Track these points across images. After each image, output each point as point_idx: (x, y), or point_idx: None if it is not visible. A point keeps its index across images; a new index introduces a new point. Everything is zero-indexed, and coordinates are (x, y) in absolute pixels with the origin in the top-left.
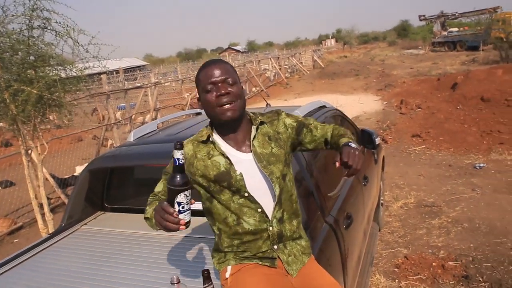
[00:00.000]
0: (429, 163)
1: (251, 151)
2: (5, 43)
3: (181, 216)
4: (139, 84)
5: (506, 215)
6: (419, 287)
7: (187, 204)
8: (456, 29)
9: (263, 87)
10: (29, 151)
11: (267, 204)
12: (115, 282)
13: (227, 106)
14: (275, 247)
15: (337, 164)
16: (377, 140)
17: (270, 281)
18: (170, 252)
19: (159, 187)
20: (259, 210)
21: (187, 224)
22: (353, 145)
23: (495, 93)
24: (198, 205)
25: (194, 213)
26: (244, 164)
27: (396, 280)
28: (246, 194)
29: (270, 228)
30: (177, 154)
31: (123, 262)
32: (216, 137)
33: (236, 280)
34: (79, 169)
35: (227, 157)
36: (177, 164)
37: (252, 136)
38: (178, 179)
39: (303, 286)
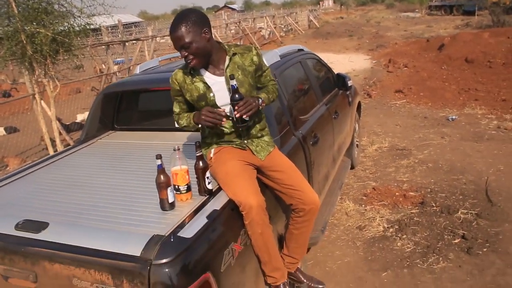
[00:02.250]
0: (407, 115)
1: (224, 75)
2: None
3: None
4: (137, 37)
5: (467, 158)
6: (381, 210)
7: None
8: None
9: (257, 45)
10: (42, 89)
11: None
12: (125, 175)
13: (190, 62)
14: (245, 141)
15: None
16: (350, 83)
17: (242, 156)
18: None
19: (177, 108)
20: (230, 119)
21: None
22: (259, 100)
23: (479, 54)
24: None
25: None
26: (218, 85)
27: (363, 205)
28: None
29: (240, 129)
30: (233, 82)
31: (130, 163)
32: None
33: (218, 157)
34: (80, 117)
35: (205, 83)
36: (235, 88)
37: (226, 65)
38: (236, 96)
39: (269, 164)
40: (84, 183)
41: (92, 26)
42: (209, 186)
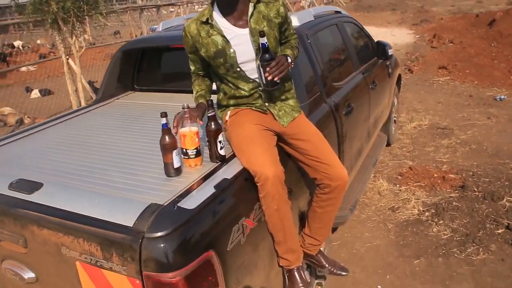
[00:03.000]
0: (450, 92)
1: (247, 27)
2: None
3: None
4: (171, 2)
5: None
6: (417, 191)
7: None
8: None
9: None
10: (69, 49)
11: (257, 74)
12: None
13: None
14: (266, 104)
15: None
16: (390, 51)
17: (262, 120)
18: None
19: (192, 66)
20: (251, 80)
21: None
22: (288, 58)
23: None
24: None
25: None
26: (240, 38)
27: (397, 185)
28: (238, 69)
29: (260, 88)
30: (264, 40)
31: (143, 124)
32: (216, 15)
33: (234, 120)
34: None
35: (224, 36)
36: (266, 46)
37: (249, 13)
38: (267, 56)
39: (292, 131)
40: (90, 143)
41: None
42: (222, 152)
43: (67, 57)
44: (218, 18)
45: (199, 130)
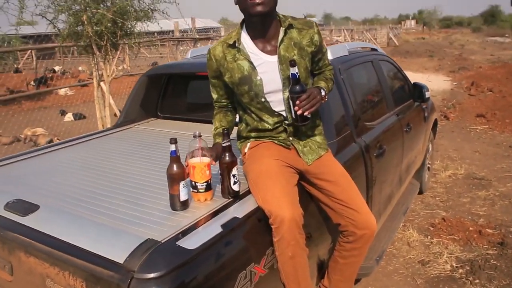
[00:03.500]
0: (488, 142)
1: (276, 54)
2: None
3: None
4: (208, 36)
5: None
6: (451, 245)
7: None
8: None
9: None
10: (100, 73)
11: (283, 104)
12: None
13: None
14: (290, 138)
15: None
16: (427, 94)
17: (284, 155)
18: None
19: (214, 93)
20: (276, 113)
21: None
22: (322, 91)
23: None
24: None
25: None
26: (267, 66)
27: (429, 237)
28: (263, 100)
29: (286, 122)
30: (295, 70)
31: (159, 152)
32: (244, 37)
33: (254, 152)
34: None
35: (251, 62)
36: (296, 77)
37: (279, 39)
38: (298, 87)
39: (317, 170)
40: (100, 168)
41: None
42: (235, 187)
43: (99, 82)
44: (246, 41)
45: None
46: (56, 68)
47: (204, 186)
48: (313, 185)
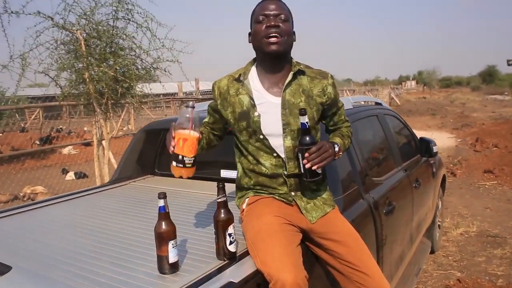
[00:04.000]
0: (498, 198)
1: (280, 96)
2: (92, 31)
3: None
4: (211, 97)
5: None
6: None
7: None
8: None
9: None
10: (101, 132)
11: (283, 152)
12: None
13: (274, 39)
14: (292, 193)
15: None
16: (435, 149)
17: (285, 212)
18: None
19: (207, 119)
20: (275, 154)
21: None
22: (336, 147)
23: None
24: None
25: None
26: (269, 106)
27: None
28: (261, 137)
29: (285, 173)
30: (304, 119)
31: (152, 210)
32: (252, 74)
33: (252, 209)
34: None
35: (251, 98)
36: (306, 127)
37: (286, 82)
38: (307, 139)
39: (322, 229)
40: (87, 226)
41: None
42: (231, 248)
43: (100, 140)
44: (253, 78)
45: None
46: (63, 127)
47: (192, 161)
48: (318, 246)
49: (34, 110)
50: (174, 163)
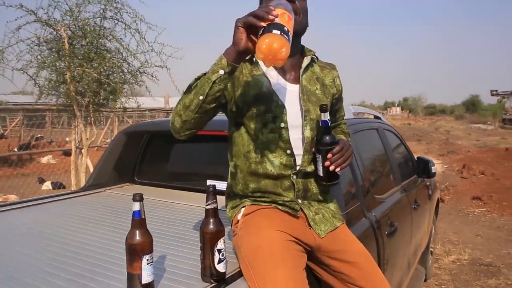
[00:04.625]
0: (488, 225)
1: (298, 83)
2: (78, 29)
3: None
4: None
5: None
6: None
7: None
8: None
9: None
10: (79, 138)
11: (298, 148)
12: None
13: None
14: (299, 201)
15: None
16: (433, 169)
17: (290, 226)
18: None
19: None
20: (288, 151)
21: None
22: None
23: None
24: None
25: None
26: (286, 94)
27: None
28: (282, 125)
29: (294, 177)
30: (326, 116)
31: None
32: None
33: (250, 221)
34: None
35: (269, 81)
36: (328, 125)
37: (303, 66)
38: (328, 138)
39: (331, 247)
40: (48, 236)
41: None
42: (220, 267)
43: (78, 147)
44: (263, 64)
45: None
46: (43, 136)
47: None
48: (325, 267)
49: (15, 117)
50: (277, 32)
